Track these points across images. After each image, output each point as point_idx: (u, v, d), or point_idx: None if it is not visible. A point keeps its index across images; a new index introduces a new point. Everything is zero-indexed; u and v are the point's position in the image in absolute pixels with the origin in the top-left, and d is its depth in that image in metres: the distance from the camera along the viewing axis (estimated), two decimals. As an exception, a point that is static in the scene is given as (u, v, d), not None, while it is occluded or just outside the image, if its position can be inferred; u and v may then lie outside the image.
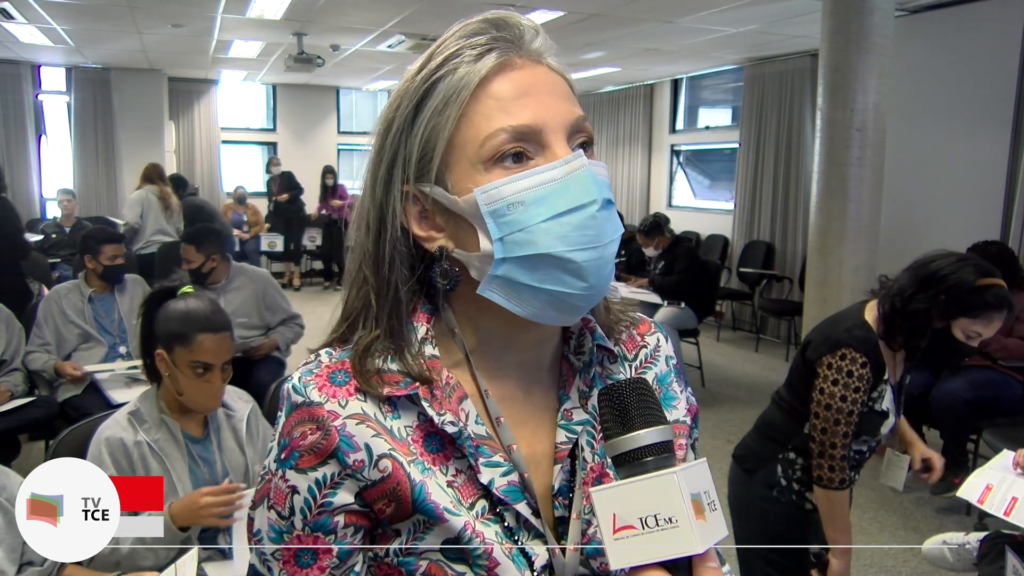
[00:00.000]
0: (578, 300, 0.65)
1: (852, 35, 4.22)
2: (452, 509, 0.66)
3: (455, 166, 0.65)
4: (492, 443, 0.69)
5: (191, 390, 1.77)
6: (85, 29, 6.73)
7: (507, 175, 0.64)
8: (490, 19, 0.68)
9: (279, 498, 0.66)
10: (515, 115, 0.64)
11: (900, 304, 1.83)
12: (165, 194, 6.21)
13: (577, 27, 5.85)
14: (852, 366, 1.82)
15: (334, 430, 0.65)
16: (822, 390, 1.85)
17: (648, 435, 0.58)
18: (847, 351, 1.83)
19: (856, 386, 1.82)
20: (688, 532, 0.55)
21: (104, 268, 3.47)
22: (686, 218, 8.36)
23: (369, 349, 0.68)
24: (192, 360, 1.76)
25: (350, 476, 0.65)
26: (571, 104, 0.67)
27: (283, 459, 0.66)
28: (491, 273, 0.65)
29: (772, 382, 5.81)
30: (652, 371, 0.80)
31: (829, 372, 1.85)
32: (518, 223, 0.63)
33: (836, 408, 1.83)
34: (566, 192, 0.63)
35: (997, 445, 2.94)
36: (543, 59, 0.68)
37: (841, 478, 1.84)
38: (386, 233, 0.68)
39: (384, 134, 0.68)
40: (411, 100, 0.66)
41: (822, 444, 1.85)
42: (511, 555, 0.66)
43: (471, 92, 0.64)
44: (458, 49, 0.66)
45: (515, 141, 0.64)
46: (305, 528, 0.66)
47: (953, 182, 5.04)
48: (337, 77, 9.54)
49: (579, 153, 0.65)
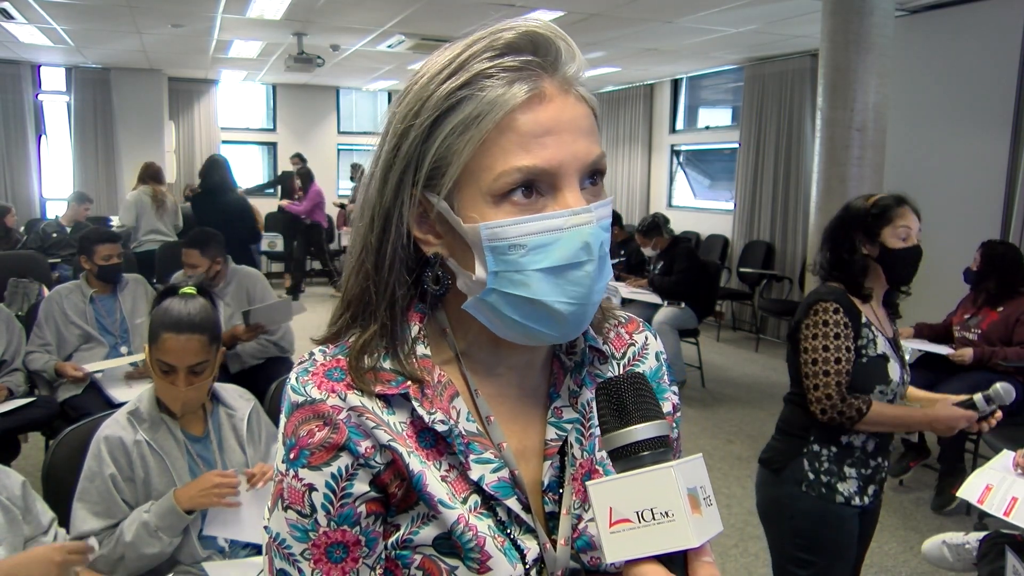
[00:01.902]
0: (552, 339, 0.68)
1: (852, 35, 4.22)
2: (447, 502, 0.67)
3: (465, 189, 0.65)
4: (483, 440, 0.70)
5: (159, 390, 1.78)
6: (85, 29, 6.73)
7: (515, 211, 0.64)
8: (529, 34, 0.65)
9: (296, 498, 0.66)
10: (534, 154, 0.63)
11: (828, 264, 1.99)
12: (159, 194, 6.22)
13: (577, 27, 5.85)
14: (825, 315, 1.89)
15: (341, 423, 0.66)
16: (805, 349, 1.90)
17: (645, 430, 0.59)
18: (816, 306, 1.91)
19: (836, 332, 1.87)
20: (684, 526, 0.55)
21: (99, 268, 3.47)
22: (686, 218, 8.36)
23: (366, 347, 0.69)
24: (157, 359, 1.76)
25: (363, 465, 0.66)
26: (591, 142, 0.66)
27: (293, 459, 0.66)
28: (479, 297, 0.66)
29: (772, 382, 5.81)
30: (641, 367, 0.82)
31: (807, 331, 1.91)
32: (516, 264, 0.64)
33: (823, 359, 1.87)
34: (568, 245, 0.64)
35: (997, 445, 2.94)
36: (573, 87, 0.67)
37: (856, 407, 1.85)
38: (390, 235, 0.69)
39: (401, 137, 0.67)
40: (433, 112, 0.65)
41: (819, 400, 1.86)
42: (503, 548, 0.67)
43: (495, 123, 0.63)
44: (489, 69, 0.64)
45: (528, 178, 0.63)
46: (330, 523, 0.66)
47: (953, 182, 5.03)
48: (337, 77, 9.55)
49: (588, 208, 0.65)
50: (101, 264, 3.47)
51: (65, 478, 1.78)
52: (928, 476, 3.98)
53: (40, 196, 8.92)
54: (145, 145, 8.92)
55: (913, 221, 1.92)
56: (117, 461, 1.69)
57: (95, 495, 1.68)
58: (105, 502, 1.67)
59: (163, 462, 1.73)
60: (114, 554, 1.64)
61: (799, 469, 1.95)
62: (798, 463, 1.96)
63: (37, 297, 4.26)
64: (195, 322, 1.78)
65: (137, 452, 1.71)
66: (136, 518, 1.66)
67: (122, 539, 1.64)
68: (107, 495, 1.67)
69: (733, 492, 3.85)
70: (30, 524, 1.58)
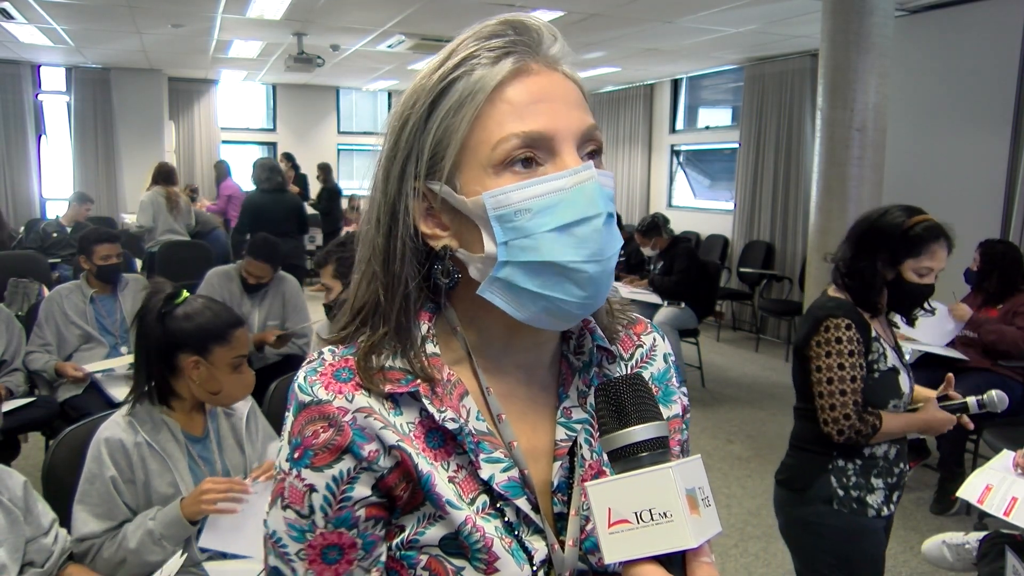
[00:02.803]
0: (575, 308, 0.66)
1: (852, 35, 4.22)
2: (455, 503, 0.66)
3: (466, 167, 0.66)
4: (492, 439, 0.69)
5: (230, 385, 1.80)
6: (85, 29, 6.73)
7: (516, 180, 0.64)
8: (509, 21, 0.68)
9: (296, 497, 0.66)
10: (528, 121, 0.64)
11: (845, 269, 1.89)
12: (172, 195, 6.37)
13: (577, 27, 5.85)
14: (837, 332, 1.83)
15: (346, 425, 0.66)
16: (819, 367, 1.84)
17: (643, 431, 0.59)
18: (827, 322, 1.84)
19: (850, 350, 1.82)
20: (682, 527, 0.55)
21: (99, 268, 3.48)
22: (686, 218, 8.36)
23: (375, 347, 0.69)
24: (234, 356, 1.80)
25: (366, 469, 0.66)
26: (583, 112, 0.68)
27: (297, 458, 0.66)
28: (493, 275, 0.65)
29: (772, 382, 5.81)
30: (648, 370, 0.82)
31: (820, 349, 1.85)
32: (524, 229, 0.64)
33: (838, 378, 1.81)
34: (573, 203, 0.64)
35: (997, 445, 2.94)
36: (559, 66, 0.69)
37: (871, 423, 1.81)
38: (397, 229, 0.69)
39: (399, 130, 0.69)
40: (427, 98, 0.67)
41: (836, 420, 1.81)
42: (510, 549, 0.67)
43: (487, 96, 0.65)
44: (476, 50, 0.66)
45: (526, 147, 0.64)
46: (328, 525, 0.66)
47: (953, 182, 5.04)
48: (337, 77, 9.55)
49: (588, 164, 0.65)
50: (100, 264, 3.47)
51: (65, 478, 1.78)
52: (928, 476, 3.97)
53: (40, 196, 8.92)
54: (145, 145, 8.93)
55: (939, 261, 1.85)
56: (118, 463, 1.69)
57: (96, 497, 1.67)
58: (106, 504, 1.67)
59: (164, 463, 1.73)
60: (116, 557, 1.64)
61: (826, 486, 1.88)
62: (824, 480, 1.88)
63: (37, 297, 4.26)
64: (236, 314, 1.90)
65: (138, 454, 1.71)
66: (140, 524, 1.65)
67: (125, 545, 1.64)
68: (108, 497, 1.67)
69: (733, 492, 3.85)
70: (31, 525, 1.58)
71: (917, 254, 1.83)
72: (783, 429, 5.21)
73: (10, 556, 1.49)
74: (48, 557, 1.57)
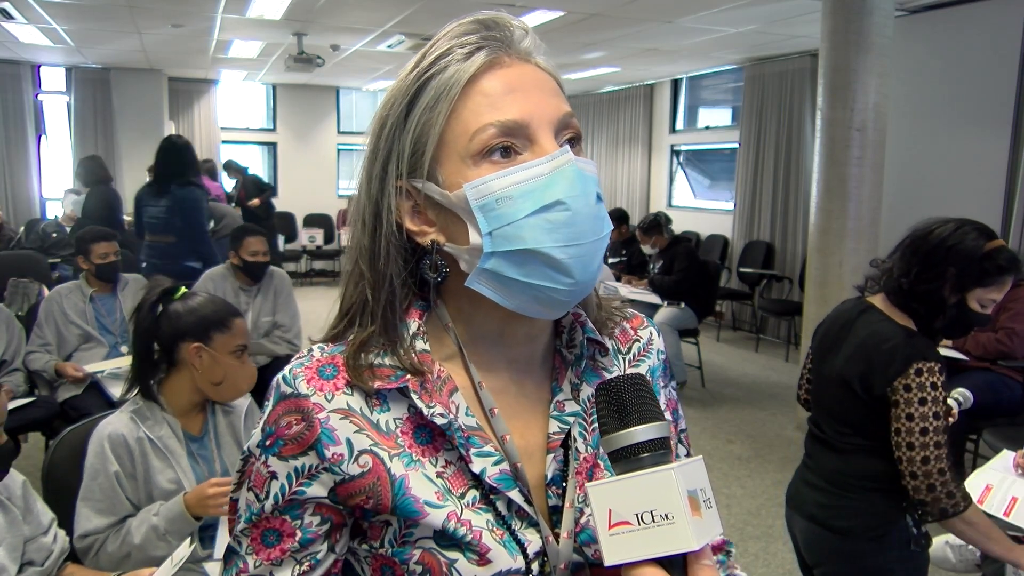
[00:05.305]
0: (562, 295, 0.66)
1: (852, 35, 4.22)
2: (435, 501, 0.67)
3: (446, 161, 0.67)
4: (482, 434, 0.70)
5: (233, 374, 1.81)
6: (85, 29, 6.73)
7: (495, 170, 0.65)
8: (481, 19, 0.69)
9: (259, 481, 0.69)
10: (503, 110, 0.65)
11: (908, 286, 1.70)
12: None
13: (577, 27, 5.85)
14: (931, 377, 1.63)
15: (317, 422, 0.67)
16: (910, 416, 1.63)
17: (645, 431, 0.59)
18: (920, 364, 1.64)
19: (943, 397, 1.65)
20: (684, 529, 0.55)
21: (97, 267, 3.48)
22: (686, 218, 8.35)
23: (364, 345, 0.70)
24: (236, 344, 1.81)
25: (327, 470, 0.67)
26: (559, 100, 0.69)
27: (267, 446, 0.68)
28: (480, 266, 0.66)
29: (772, 382, 5.81)
30: (645, 364, 0.82)
31: (911, 394, 1.63)
32: (506, 217, 0.64)
33: (933, 429, 1.62)
34: (552, 187, 0.64)
35: (997, 445, 2.94)
36: (532, 58, 0.70)
37: (963, 494, 1.62)
38: (381, 228, 0.69)
39: (379, 132, 0.70)
40: (404, 98, 0.68)
41: (928, 475, 1.61)
42: (502, 541, 0.67)
43: (461, 89, 0.66)
44: (449, 48, 0.67)
45: (503, 136, 0.65)
46: (274, 512, 0.68)
47: (953, 182, 5.03)
48: (337, 77, 9.54)
49: (566, 148, 0.66)
50: (98, 263, 3.47)
51: (65, 478, 1.78)
52: (928, 476, 3.97)
53: (40, 196, 8.90)
54: (145, 145, 8.87)
55: (1003, 294, 1.70)
56: (120, 458, 1.70)
57: (99, 493, 1.68)
58: (109, 499, 1.68)
59: (166, 459, 1.73)
60: (120, 552, 1.65)
61: (905, 529, 1.72)
62: (904, 523, 1.72)
63: (37, 297, 4.26)
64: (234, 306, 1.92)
65: (140, 450, 1.71)
66: (145, 520, 1.66)
67: (130, 540, 1.65)
68: (111, 492, 1.68)
69: (733, 492, 3.85)
70: (30, 524, 1.57)
71: (989, 284, 1.67)
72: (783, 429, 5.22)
73: (9, 555, 1.49)
74: (47, 556, 1.57)
